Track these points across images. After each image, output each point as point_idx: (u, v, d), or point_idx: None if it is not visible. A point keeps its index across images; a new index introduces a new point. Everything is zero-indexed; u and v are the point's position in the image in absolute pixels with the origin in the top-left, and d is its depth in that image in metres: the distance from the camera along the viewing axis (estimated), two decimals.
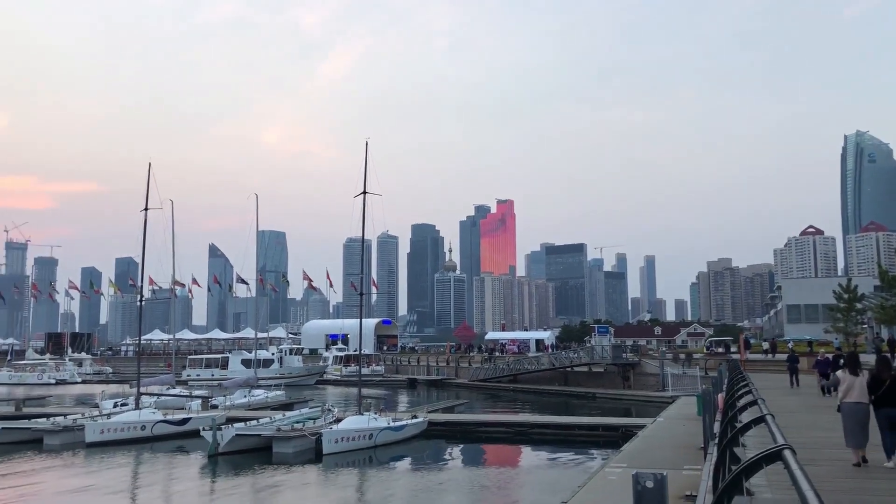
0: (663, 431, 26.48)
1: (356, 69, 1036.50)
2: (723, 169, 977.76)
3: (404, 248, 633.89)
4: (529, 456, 31.16)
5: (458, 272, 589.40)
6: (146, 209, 39.46)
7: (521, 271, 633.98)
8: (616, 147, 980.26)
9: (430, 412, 38.15)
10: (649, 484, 7.36)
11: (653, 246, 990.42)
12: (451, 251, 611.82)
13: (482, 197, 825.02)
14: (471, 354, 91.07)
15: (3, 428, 32.99)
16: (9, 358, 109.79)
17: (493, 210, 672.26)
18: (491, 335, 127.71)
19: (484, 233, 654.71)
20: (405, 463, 28.95)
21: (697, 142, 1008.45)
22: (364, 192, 34.65)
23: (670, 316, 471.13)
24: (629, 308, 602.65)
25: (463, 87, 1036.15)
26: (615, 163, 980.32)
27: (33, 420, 35.64)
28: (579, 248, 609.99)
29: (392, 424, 32.16)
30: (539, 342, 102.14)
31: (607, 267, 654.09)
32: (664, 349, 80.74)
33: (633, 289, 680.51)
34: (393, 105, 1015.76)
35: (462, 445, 34.14)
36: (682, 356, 66.49)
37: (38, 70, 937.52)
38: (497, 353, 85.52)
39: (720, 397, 18.91)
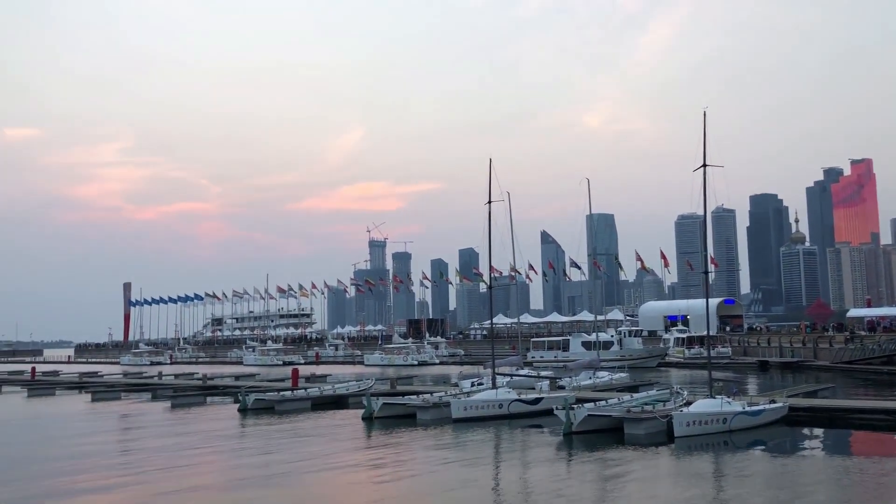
0: None
1: (678, 37, 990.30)
2: None
3: (742, 222, 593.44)
4: None
5: (807, 244, 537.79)
6: (489, 202, 41.89)
7: (885, 239, 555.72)
8: None
9: (789, 396, 35.37)
10: None
11: None
12: (797, 221, 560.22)
13: (833, 159, 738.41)
14: (829, 334, 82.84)
15: (384, 403, 37.75)
16: (380, 342, 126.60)
17: (847, 172, 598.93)
18: (853, 312, 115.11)
19: (836, 198, 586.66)
20: (764, 450, 27.17)
21: None
22: (704, 165, 32.87)
23: None
24: None
25: (801, 38, 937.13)
26: None
27: (406, 397, 40.19)
28: None
29: (748, 409, 30.42)
30: None
31: None
32: None
33: None
34: (720, 68, 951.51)
35: (828, 432, 31.14)
36: None
37: (380, 85, 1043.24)
38: (862, 332, 76.70)
39: None
